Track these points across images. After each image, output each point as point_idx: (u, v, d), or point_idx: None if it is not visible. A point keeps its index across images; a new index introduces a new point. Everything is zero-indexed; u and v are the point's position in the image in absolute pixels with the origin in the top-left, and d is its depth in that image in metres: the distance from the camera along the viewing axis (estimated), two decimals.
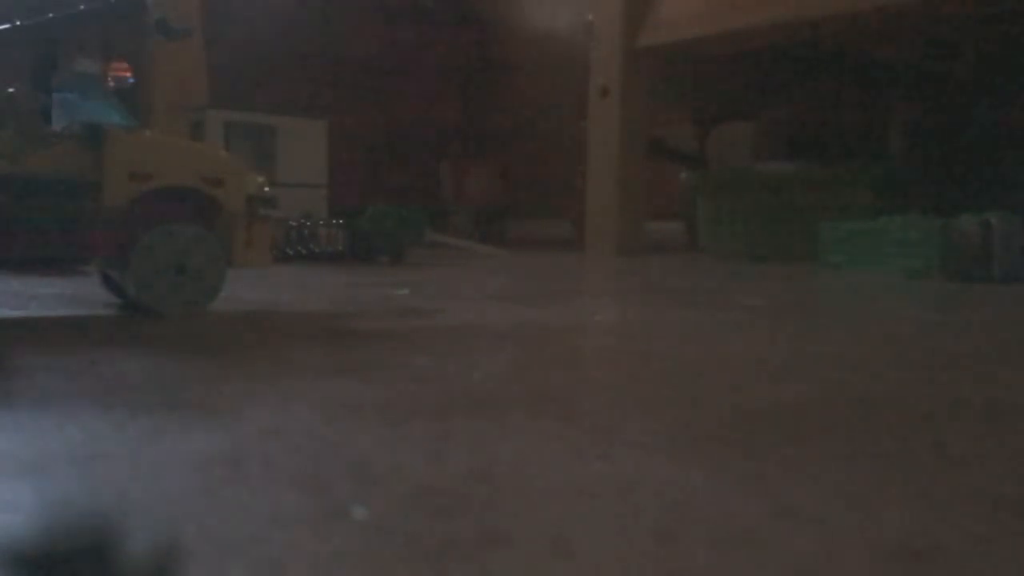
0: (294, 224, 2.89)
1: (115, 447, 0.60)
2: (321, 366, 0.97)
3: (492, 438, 0.65)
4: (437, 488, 0.52)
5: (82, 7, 1.55)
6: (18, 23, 1.49)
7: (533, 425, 0.69)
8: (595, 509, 0.49)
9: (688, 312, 1.58)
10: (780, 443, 0.64)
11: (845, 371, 0.97)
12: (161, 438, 0.63)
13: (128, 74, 1.46)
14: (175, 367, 0.94)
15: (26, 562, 0.31)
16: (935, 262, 2.34)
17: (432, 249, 3.83)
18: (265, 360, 1.00)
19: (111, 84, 1.45)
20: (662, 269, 2.81)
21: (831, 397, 0.82)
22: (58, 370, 0.90)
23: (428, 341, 1.16)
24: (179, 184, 1.40)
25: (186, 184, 1.40)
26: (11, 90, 1.34)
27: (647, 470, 0.57)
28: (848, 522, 0.48)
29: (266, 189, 1.52)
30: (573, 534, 0.45)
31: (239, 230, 1.46)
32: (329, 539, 0.44)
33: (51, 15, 1.51)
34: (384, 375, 0.90)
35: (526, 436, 0.66)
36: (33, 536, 0.32)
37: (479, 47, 5.80)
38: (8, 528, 0.32)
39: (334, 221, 2.95)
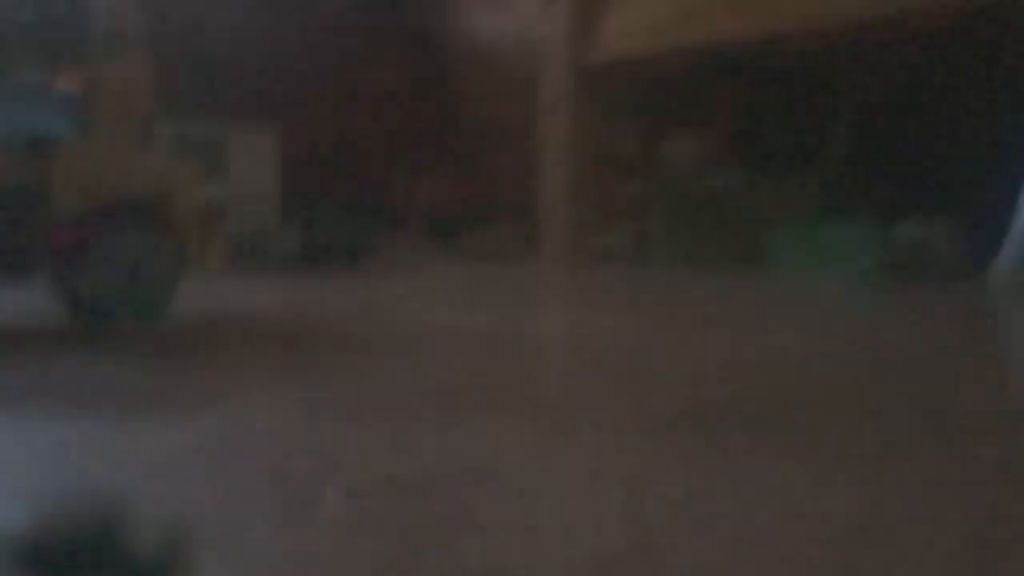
0: (247, 233, 2.86)
1: (81, 449, 0.60)
2: (282, 368, 0.97)
3: (456, 432, 0.66)
4: (407, 478, 0.54)
5: (28, 16, 1.53)
6: None
7: (495, 420, 0.71)
8: (561, 494, 0.51)
9: (641, 318, 1.61)
10: (735, 434, 0.67)
11: (791, 370, 1.00)
12: (130, 437, 0.63)
13: (76, 84, 1.44)
14: (133, 372, 0.94)
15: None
16: (876, 266, 2.42)
17: (385, 257, 3.83)
18: (223, 363, 1.00)
19: (60, 94, 1.43)
20: (614, 277, 2.85)
21: (779, 393, 0.85)
22: (13, 378, 0.89)
23: (386, 344, 1.17)
24: (132, 194, 1.39)
25: (139, 194, 1.39)
26: None
27: (610, 459, 0.59)
28: (800, 502, 0.50)
29: (219, 198, 1.52)
30: (541, 517, 0.47)
31: (192, 238, 1.46)
32: (304, 527, 0.45)
33: None
34: (345, 375, 0.91)
35: (489, 431, 0.67)
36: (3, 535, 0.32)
37: (434, 58, 5.82)
38: None
39: (287, 229, 2.94)
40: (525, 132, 4.65)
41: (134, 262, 1.38)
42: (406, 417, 0.72)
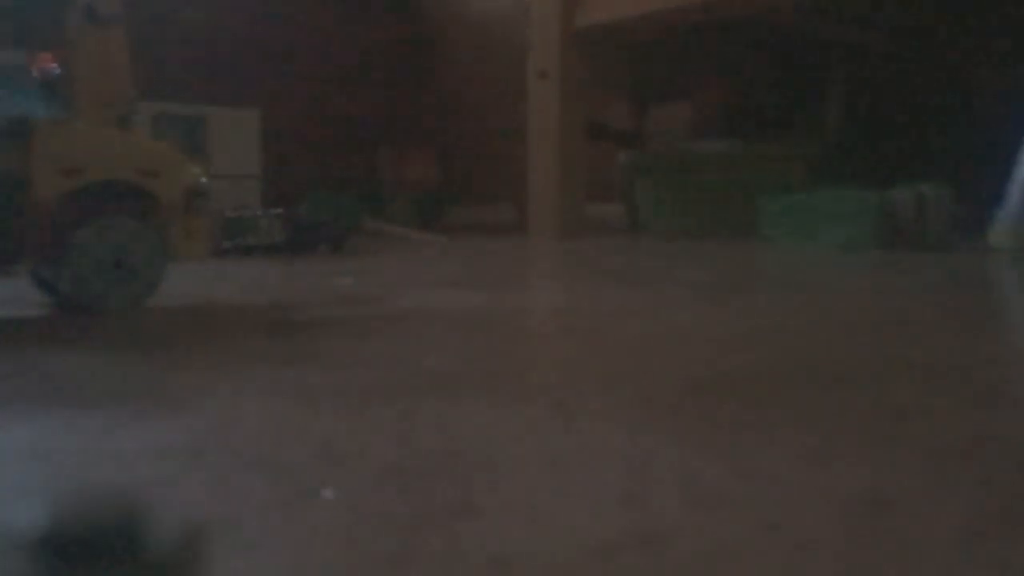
0: (232, 216, 2.83)
1: (71, 442, 0.59)
2: (273, 356, 0.96)
3: (454, 418, 0.65)
4: (404, 466, 0.53)
5: None
6: None
7: (493, 404, 0.70)
8: (562, 478, 0.50)
9: (633, 291, 1.60)
10: (735, 408, 0.66)
11: (790, 339, 0.99)
12: (118, 431, 0.62)
13: (54, 65, 1.41)
14: (121, 363, 0.92)
15: None
16: (871, 233, 2.41)
17: (371, 237, 3.80)
18: (213, 352, 0.98)
19: (37, 75, 1.40)
20: (605, 250, 2.84)
21: (778, 364, 0.84)
22: None
23: (377, 328, 1.15)
24: (113, 178, 1.36)
25: (121, 177, 1.37)
26: None
27: (610, 440, 0.58)
28: (805, 478, 0.49)
29: (203, 180, 1.49)
30: (542, 502, 0.46)
31: (177, 223, 1.43)
32: (302, 519, 0.44)
33: None
34: (338, 361, 0.90)
35: (487, 415, 0.66)
36: None
37: (416, 31, 5.75)
38: None
39: (273, 212, 2.91)
40: (514, 101, 4.61)
41: (117, 247, 1.36)
42: (401, 402, 0.71)
